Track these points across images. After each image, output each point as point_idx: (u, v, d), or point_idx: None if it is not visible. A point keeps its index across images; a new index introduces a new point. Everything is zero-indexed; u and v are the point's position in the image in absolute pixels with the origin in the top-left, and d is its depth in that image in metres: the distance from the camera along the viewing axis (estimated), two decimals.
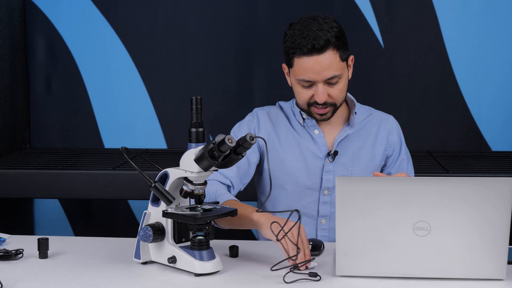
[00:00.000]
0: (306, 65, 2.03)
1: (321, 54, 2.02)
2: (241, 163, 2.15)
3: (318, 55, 2.02)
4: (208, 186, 2.05)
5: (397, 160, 2.24)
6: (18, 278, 1.70)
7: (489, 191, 1.61)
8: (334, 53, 2.04)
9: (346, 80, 2.11)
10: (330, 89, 2.07)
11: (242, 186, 2.20)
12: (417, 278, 1.67)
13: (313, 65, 2.03)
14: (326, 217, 2.19)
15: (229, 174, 2.14)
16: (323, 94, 2.06)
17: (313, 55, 2.02)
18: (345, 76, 2.10)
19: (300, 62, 2.04)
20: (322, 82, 2.05)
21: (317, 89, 2.06)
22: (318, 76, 2.04)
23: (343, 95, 2.11)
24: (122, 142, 3.61)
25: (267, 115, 2.23)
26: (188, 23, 3.56)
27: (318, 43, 2.00)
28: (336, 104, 2.11)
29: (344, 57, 2.08)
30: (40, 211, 3.70)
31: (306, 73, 2.04)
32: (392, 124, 2.26)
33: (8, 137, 3.46)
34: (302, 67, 2.05)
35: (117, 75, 3.61)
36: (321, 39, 2.01)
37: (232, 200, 2.04)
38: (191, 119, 1.75)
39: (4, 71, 3.40)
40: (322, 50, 2.01)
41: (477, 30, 3.46)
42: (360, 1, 3.48)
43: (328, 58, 2.03)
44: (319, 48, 2.01)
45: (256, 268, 1.78)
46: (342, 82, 2.08)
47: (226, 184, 2.14)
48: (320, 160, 2.18)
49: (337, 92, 2.08)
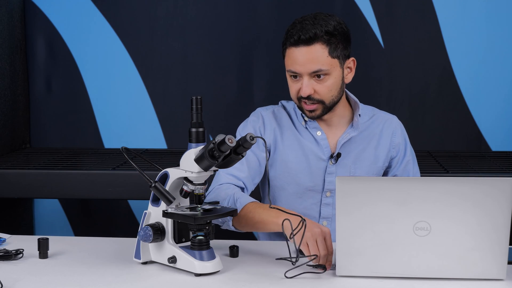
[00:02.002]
0: (292, 56, 2.04)
1: (308, 46, 2.02)
2: (252, 163, 2.13)
3: (305, 46, 2.02)
4: (223, 190, 2.04)
5: (403, 161, 2.22)
6: (18, 278, 1.70)
7: (489, 191, 1.61)
8: (322, 47, 2.02)
9: (337, 80, 2.07)
10: (316, 85, 2.05)
11: (253, 186, 2.17)
12: (417, 278, 1.67)
13: (298, 56, 2.03)
14: (328, 219, 2.19)
15: (241, 176, 2.11)
16: (306, 87, 2.04)
17: (299, 46, 2.02)
18: (335, 75, 2.06)
19: (289, 52, 2.06)
20: (307, 75, 2.04)
21: (303, 81, 2.05)
22: (303, 68, 2.03)
23: (332, 94, 2.07)
24: (122, 142, 3.61)
25: (272, 115, 2.22)
26: (188, 23, 3.56)
27: (305, 35, 2.01)
28: (324, 102, 2.07)
29: (336, 54, 2.04)
30: (40, 211, 3.70)
31: (293, 64, 2.04)
32: (395, 125, 2.24)
33: (8, 137, 3.46)
34: (290, 58, 2.05)
35: (117, 75, 3.61)
36: (309, 32, 2.01)
37: (253, 202, 1.98)
38: (191, 119, 1.75)
39: (4, 71, 3.40)
40: (309, 42, 2.01)
41: (477, 30, 3.46)
42: (360, 1, 3.48)
43: (315, 51, 2.02)
44: (305, 40, 2.01)
45: (256, 268, 1.78)
46: (330, 80, 2.05)
47: (240, 186, 2.11)
48: (323, 162, 2.17)
49: (324, 89, 2.05)
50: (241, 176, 2.11)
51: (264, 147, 2.16)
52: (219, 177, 2.11)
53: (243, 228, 1.99)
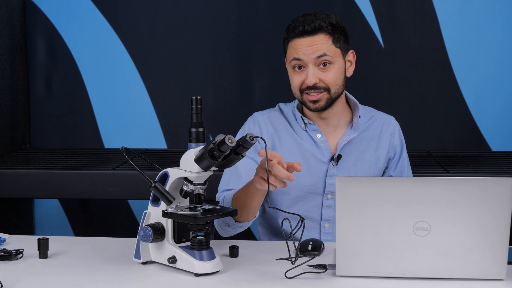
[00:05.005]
0: (296, 45, 2.06)
1: (313, 36, 2.05)
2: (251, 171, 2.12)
3: (308, 36, 2.05)
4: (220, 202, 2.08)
5: (398, 163, 2.24)
6: (18, 278, 1.70)
7: (489, 191, 1.61)
8: (326, 37, 2.06)
9: (341, 70, 2.10)
10: (321, 74, 2.07)
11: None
12: (417, 278, 1.67)
13: (303, 45, 2.05)
14: (330, 221, 2.18)
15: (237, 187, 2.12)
16: (312, 75, 2.05)
17: (303, 37, 2.05)
18: (339, 64, 2.09)
19: (292, 44, 2.08)
20: (312, 64, 2.05)
21: (308, 71, 2.06)
22: (307, 56, 2.05)
23: (337, 83, 2.09)
24: (122, 142, 3.61)
25: (269, 120, 2.22)
26: (188, 23, 3.56)
27: (309, 26, 2.04)
28: (329, 89, 2.08)
29: (339, 45, 2.08)
30: (40, 211, 3.70)
31: (297, 52, 2.06)
32: (394, 126, 2.25)
33: (8, 137, 3.46)
34: (293, 48, 2.07)
35: (117, 75, 3.61)
36: (314, 22, 2.04)
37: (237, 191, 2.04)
38: (191, 119, 1.75)
39: (4, 71, 3.40)
40: (313, 32, 2.05)
41: (477, 30, 3.46)
42: (360, 1, 3.48)
43: (319, 40, 2.05)
44: (310, 30, 2.04)
45: (256, 268, 1.78)
46: (334, 69, 2.08)
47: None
48: (324, 164, 2.17)
49: (330, 76, 2.07)
50: (238, 188, 2.12)
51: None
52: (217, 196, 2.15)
53: (241, 215, 2.01)
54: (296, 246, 1.81)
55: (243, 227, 2.06)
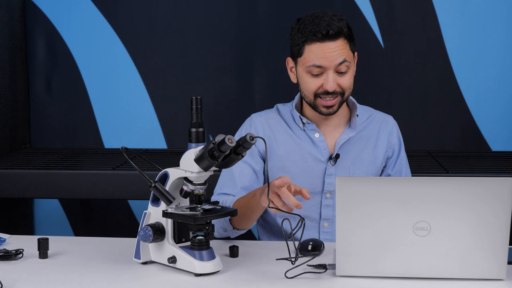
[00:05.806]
0: (317, 51, 2.04)
1: (333, 41, 2.03)
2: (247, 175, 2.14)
3: (330, 41, 2.03)
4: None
5: (397, 162, 2.24)
6: (18, 278, 1.70)
7: (489, 191, 1.61)
8: (345, 42, 2.05)
9: (354, 73, 2.12)
10: (339, 79, 2.07)
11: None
12: (417, 278, 1.67)
13: (325, 51, 2.03)
14: (329, 220, 2.19)
15: (232, 192, 2.13)
16: (333, 82, 2.05)
17: (325, 41, 2.03)
18: (353, 68, 2.11)
19: (311, 48, 2.04)
20: (332, 70, 2.05)
21: (327, 77, 2.05)
22: (330, 63, 2.04)
23: (351, 87, 2.11)
24: (122, 142, 3.61)
25: (265, 121, 2.22)
26: (188, 23, 3.56)
27: (332, 29, 2.02)
28: (344, 93, 2.09)
29: (353, 49, 2.09)
30: (40, 211, 3.70)
31: (318, 58, 2.04)
32: (392, 125, 2.25)
33: (8, 137, 3.46)
34: (313, 53, 2.04)
35: (117, 75, 3.61)
36: (334, 26, 2.02)
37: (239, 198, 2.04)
38: (191, 119, 1.75)
39: (4, 71, 3.40)
40: (335, 37, 2.03)
41: (477, 30, 3.46)
42: (360, 1, 3.48)
43: (340, 45, 2.04)
44: (333, 35, 2.02)
45: (256, 268, 1.78)
46: (350, 73, 2.09)
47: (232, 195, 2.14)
48: (322, 163, 2.17)
49: (347, 81, 2.08)
50: (232, 192, 2.14)
51: (258, 156, 2.19)
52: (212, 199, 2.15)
53: (240, 224, 2.02)
54: (296, 246, 1.81)
55: (239, 233, 2.08)
